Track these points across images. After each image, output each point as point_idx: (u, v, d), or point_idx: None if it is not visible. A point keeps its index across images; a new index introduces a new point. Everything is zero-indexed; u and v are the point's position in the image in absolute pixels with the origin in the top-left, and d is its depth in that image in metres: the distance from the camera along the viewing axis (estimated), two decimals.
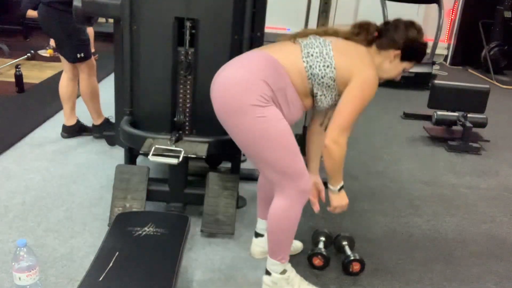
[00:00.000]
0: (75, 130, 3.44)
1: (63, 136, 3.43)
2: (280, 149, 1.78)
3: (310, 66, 1.80)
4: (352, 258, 2.16)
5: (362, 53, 1.88)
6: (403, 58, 1.93)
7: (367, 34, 1.92)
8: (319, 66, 1.80)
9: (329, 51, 1.81)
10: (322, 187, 2.15)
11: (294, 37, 1.90)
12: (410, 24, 1.94)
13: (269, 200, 2.16)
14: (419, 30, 1.95)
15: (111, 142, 3.29)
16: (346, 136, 1.82)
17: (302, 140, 2.72)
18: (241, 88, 1.76)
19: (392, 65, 1.94)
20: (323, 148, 1.83)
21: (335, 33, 1.91)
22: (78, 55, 3.17)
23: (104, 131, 3.40)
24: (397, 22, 1.95)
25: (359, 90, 1.80)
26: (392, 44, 1.90)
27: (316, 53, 1.81)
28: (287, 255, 1.97)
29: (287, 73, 1.80)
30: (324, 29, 1.95)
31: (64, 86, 3.34)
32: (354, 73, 1.80)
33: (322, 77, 1.81)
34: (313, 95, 1.87)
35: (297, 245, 2.32)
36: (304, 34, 1.91)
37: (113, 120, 3.37)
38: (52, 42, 5.36)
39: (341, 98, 1.82)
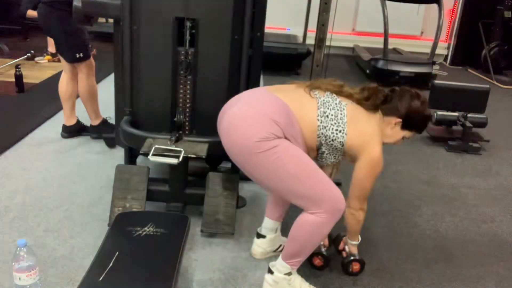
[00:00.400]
0: (75, 130, 3.44)
1: (63, 136, 3.43)
2: (300, 176, 1.76)
3: (324, 127, 1.84)
4: (352, 258, 2.16)
5: (372, 124, 1.93)
6: (404, 126, 1.99)
7: (375, 99, 1.96)
8: (332, 129, 1.84)
9: (344, 117, 1.85)
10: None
11: (309, 87, 1.91)
12: (415, 95, 1.99)
13: (280, 202, 2.16)
14: (423, 102, 2.00)
15: (111, 144, 3.28)
16: (366, 202, 2.00)
17: None
18: (251, 126, 1.75)
19: (392, 131, 1.99)
20: (350, 214, 1.99)
21: (350, 96, 1.95)
22: (77, 55, 3.16)
23: (102, 131, 3.39)
24: (403, 91, 2.01)
25: (369, 170, 1.91)
26: (395, 112, 1.96)
27: (332, 115, 1.84)
28: (300, 263, 1.94)
29: (298, 123, 1.81)
30: (339, 86, 1.96)
31: (64, 86, 3.33)
32: (363, 149, 1.88)
33: (332, 140, 1.86)
34: (318, 151, 1.91)
35: None
36: (320, 87, 1.93)
37: (111, 120, 3.38)
38: (50, 48, 5.37)
39: (354, 174, 1.92)
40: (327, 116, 1.84)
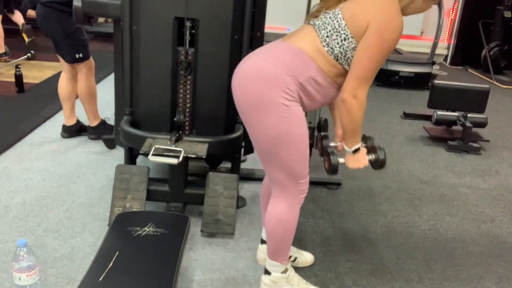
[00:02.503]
0: (75, 130, 3.44)
1: (63, 136, 3.43)
2: (295, 153, 1.76)
3: (331, 48, 1.68)
4: (332, 150, 1.88)
5: None
6: None
7: None
8: (337, 43, 1.67)
9: (341, 21, 1.65)
10: None
11: (309, 18, 1.79)
12: None
13: None
14: None
15: (110, 145, 3.27)
16: (366, 89, 1.65)
17: None
18: (264, 82, 1.69)
19: None
20: (340, 103, 1.68)
21: None
22: (77, 56, 3.16)
23: (100, 132, 3.38)
24: None
25: (377, 36, 1.60)
26: None
27: (330, 31, 1.67)
28: (287, 255, 1.96)
29: (313, 61, 1.70)
30: None
31: (64, 86, 3.33)
32: (370, 21, 1.60)
33: (345, 54, 1.67)
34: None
35: (307, 258, 2.25)
36: (315, 12, 1.77)
37: (110, 122, 3.37)
38: (18, 19, 5.51)
39: (358, 46, 1.64)
40: (327, 36, 1.68)
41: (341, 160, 1.83)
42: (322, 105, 1.89)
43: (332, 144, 2.00)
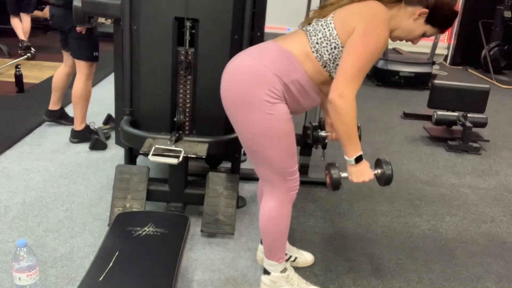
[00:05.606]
0: (57, 115, 3.56)
1: (44, 120, 3.54)
2: (281, 150, 1.76)
3: (320, 55, 1.71)
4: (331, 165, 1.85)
5: (369, 5, 1.70)
6: (428, 20, 1.73)
7: None
8: (327, 51, 1.70)
9: (332, 30, 1.70)
10: None
11: (305, 22, 1.82)
12: None
13: None
14: None
15: (101, 147, 3.27)
16: (353, 90, 1.64)
17: (301, 139, 2.73)
18: (251, 79, 1.70)
19: (414, 24, 1.74)
20: (329, 106, 1.66)
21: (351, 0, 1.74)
22: (94, 54, 3.15)
23: (83, 137, 3.34)
24: None
25: (363, 37, 1.63)
26: (422, 0, 1.71)
27: (320, 38, 1.71)
28: (284, 253, 1.97)
29: (300, 64, 1.72)
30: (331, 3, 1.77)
31: (60, 77, 3.39)
32: (357, 23, 1.65)
33: (334, 61, 1.71)
34: None
35: (307, 258, 2.25)
36: (309, 19, 1.81)
37: (94, 126, 3.38)
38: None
39: (345, 47, 1.67)
40: (317, 43, 1.71)
41: (343, 174, 1.78)
42: (306, 110, 1.91)
43: (323, 133, 2.13)
